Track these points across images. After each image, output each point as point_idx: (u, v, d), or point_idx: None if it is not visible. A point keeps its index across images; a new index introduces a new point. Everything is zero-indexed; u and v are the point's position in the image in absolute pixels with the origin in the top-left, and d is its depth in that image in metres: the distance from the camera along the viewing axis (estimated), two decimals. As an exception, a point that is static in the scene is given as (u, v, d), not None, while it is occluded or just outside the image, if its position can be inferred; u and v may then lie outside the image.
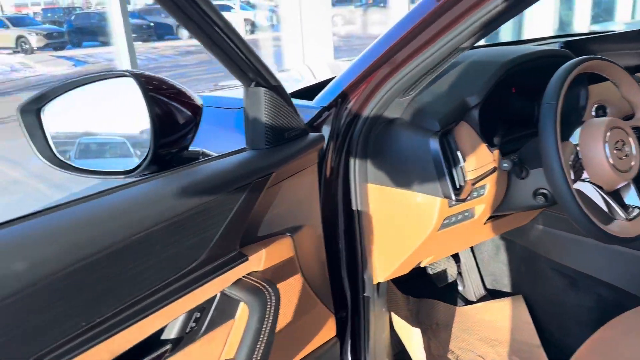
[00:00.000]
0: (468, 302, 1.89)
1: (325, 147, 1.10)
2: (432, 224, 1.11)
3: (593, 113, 1.23)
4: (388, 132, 1.11)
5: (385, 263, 1.22)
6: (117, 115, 0.95)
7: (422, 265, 1.36)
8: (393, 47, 1.01)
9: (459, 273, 1.93)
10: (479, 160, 1.10)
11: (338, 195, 1.14)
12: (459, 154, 1.06)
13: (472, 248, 1.93)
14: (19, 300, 0.59)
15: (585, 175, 1.10)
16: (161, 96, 0.86)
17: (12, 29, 15.15)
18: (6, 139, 5.70)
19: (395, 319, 1.54)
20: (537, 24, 7.85)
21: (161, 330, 0.82)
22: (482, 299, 1.89)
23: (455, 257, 1.92)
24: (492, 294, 1.90)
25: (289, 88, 1.02)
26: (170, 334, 0.84)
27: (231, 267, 0.86)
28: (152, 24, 16.39)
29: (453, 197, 1.04)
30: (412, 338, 1.52)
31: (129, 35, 5.63)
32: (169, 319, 0.79)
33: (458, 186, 1.05)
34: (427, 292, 1.87)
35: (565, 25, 9.15)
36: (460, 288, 1.93)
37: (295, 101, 1.01)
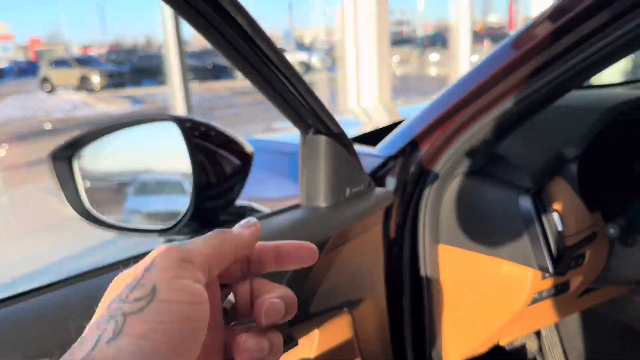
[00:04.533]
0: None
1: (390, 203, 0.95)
2: (521, 300, 0.93)
3: None
4: (466, 187, 0.95)
5: (458, 342, 1.05)
6: (157, 162, 0.83)
7: (500, 344, 1.16)
8: (477, 89, 0.85)
9: (540, 349, 1.68)
10: (578, 224, 0.93)
11: (403, 259, 0.98)
12: (555, 215, 0.89)
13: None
14: None
15: None
16: (207, 143, 0.74)
17: (77, 69, 15.96)
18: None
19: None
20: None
21: None
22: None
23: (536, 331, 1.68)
24: (576, 373, 1.64)
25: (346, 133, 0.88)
26: None
27: None
28: (210, 66, 16.87)
29: (551, 269, 0.86)
30: None
31: (185, 75, 5.77)
32: None
33: (555, 255, 0.87)
34: None
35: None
36: None
37: (354, 147, 0.87)
